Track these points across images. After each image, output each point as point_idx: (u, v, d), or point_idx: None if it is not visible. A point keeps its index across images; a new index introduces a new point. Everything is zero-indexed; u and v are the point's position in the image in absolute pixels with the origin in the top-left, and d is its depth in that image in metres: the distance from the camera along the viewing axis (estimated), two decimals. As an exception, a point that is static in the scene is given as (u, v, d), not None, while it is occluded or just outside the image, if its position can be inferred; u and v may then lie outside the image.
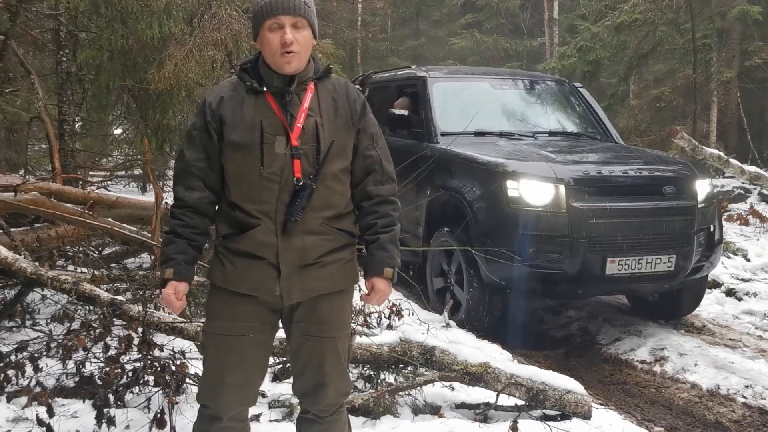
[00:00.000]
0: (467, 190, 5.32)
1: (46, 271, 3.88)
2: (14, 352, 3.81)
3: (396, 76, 7.43)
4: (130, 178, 14.86)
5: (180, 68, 4.81)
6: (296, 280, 2.28)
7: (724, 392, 4.58)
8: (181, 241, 2.30)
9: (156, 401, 3.46)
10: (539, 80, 7.31)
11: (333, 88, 2.36)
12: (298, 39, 2.21)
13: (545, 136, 6.32)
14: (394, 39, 24.50)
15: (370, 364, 3.79)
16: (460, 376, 3.66)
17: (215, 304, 2.39)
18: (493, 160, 5.23)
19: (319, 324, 2.37)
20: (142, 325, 3.53)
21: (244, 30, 5.30)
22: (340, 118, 2.31)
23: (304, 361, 2.42)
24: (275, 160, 2.22)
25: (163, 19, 5.11)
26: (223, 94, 2.31)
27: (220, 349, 2.35)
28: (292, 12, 2.20)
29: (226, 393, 2.35)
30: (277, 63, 2.23)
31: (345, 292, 2.45)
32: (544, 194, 4.92)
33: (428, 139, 6.05)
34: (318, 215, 2.27)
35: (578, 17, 16.57)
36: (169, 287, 2.30)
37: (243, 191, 2.26)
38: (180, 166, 2.36)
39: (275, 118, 2.24)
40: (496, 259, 4.94)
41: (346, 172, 2.36)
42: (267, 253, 2.25)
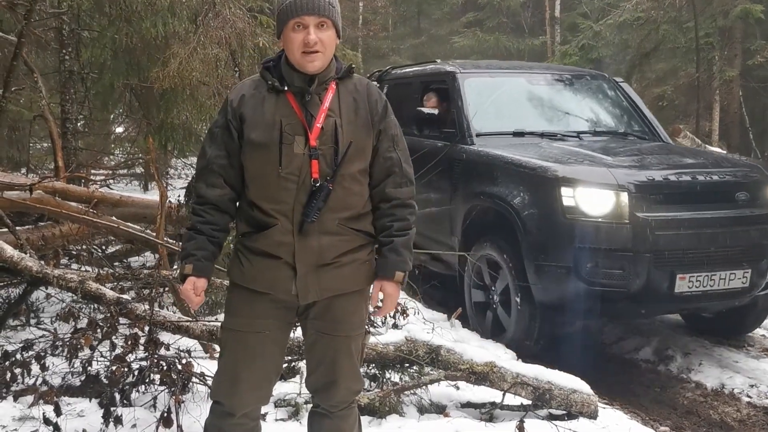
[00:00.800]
0: (514, 198, 4.80)
1: (52, 270, 3.88)
2: (20, 350, 3.80)
3: (420, 72, 6.95)
4: (132, 176, 14.89)
5: (184, 67, 4.80)
6: (312, 280, 2.28)
7: (728, 391, 4.58)
8: (201, 237, 2.31)
9: (162, 400, 3.46)
10: (577, 75, 6.72)
11: (354, 88, 2.34)
12: (322, 39, 2.20)
13: (589, 135, 5.79)
14: (395, 37, 24.51)
15: (376, 363, 3.79)
16: (465, 375, 3.66)
17: (233, 300, 2.41)
18: (545, 164, 4.71)
19: (333, 323, 2.38)
20: (149, 324, 3.53)
21: (248, 29, 5.30)
22: (360, 119, 2.30)
23: (317, 358, 2.44)
24: (293, 160, 2.21)
25: (167, 18, 5.11)
26: (244, 92, 2.31)
27: (237, 346, 2.36)
28: (317, 12, 2.19)
29: (241, 390, 2.36)
30: (300, 62, 2.22)
31: (360, 292, 2.45)
32: (604, 203, 4.44)
33: (462, 140, 5.55)
34: (335, 216, 2.27)
35: (580, 15, 16.57)
36: (188, 283, 2.30)
37: (261, 190, 2.26)
38: (201, 164, 2.36)
39: (295, 118, 2.23)
40: (549, 276, 4.52)
41: (364, 173, 2.35)
42: (283, 253, 2.26)
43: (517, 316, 4.78)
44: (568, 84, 6.41)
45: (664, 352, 5.21)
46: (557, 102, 6.26)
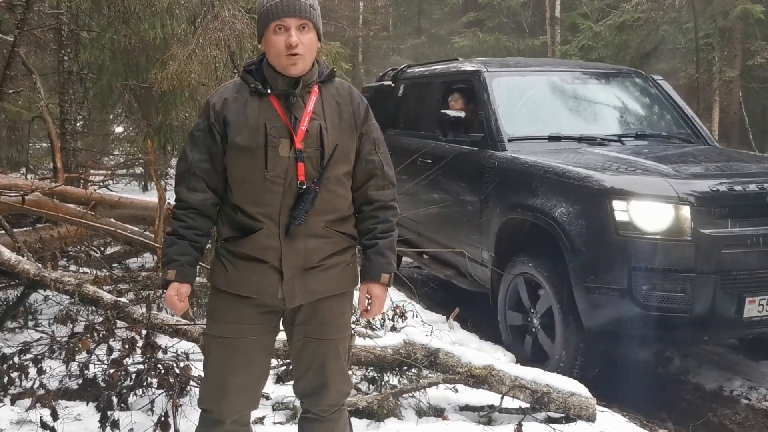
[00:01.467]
0: (559, 212, 4.30)
1: (50, 273, 3.88)
2: (18, 353, 3.80)
3: (440, 71, 6.46)
4: (131, 177, 14.88)
5: (183, 68, 4.79)
6: (299, 283, 2.27)
7: (727, 394, 4.58)
8: (184, 242, 2.29)
9: (159, 404, 3.46)
10: (613, 72, 6.19)
11: (337, 92, 2.35)
12: (303, 41, 2.20)
13: (631, 139, 5.30)
14: (395, 37, 24.50)
15: (374, 366, 3.78)
16: (464, 378, 3.65)
17: (217, 307, 2.39)
18: (592, 174, 4.26)
19: (321, 326, 2.37)
20: (146, 328, 3.52)
21: (247, 30, 5.28)
22: (344, 122, 2.31)
23: (306, 363, 2.43)
24: (279, 163, 2.21)
25: (165, 20, 5.09)
26: (226, 96, 2.29)
27: (223, 353, 2.34)
28: (298, 14, 2.19)
29: (229, 397, 2.35)
30: (281, 64, 2.22)
31: (346, 295, 2.45)
32: (663, 217, 3.98)
33: (492, 145, 5.10)
34: (321, 219, 2.27)
35: (580, 15, 16.55)
36: (171, 289, 2.29)
37: (246, 194, 2.25)
38: (183, 167, 2.34)
39: (279, 121, 2.23)
40: (600, 299, 4.08)
41: (348, 176, 2.36)
42: (270, 257, 2.25)
43: (561, 342, 4.33)
44: (604, 82, 5.95)
45: (663, 353, 5.20)
46: (593, 102, 5.78)
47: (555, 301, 4.36)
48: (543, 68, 6.09)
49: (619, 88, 5.97)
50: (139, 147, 12.20)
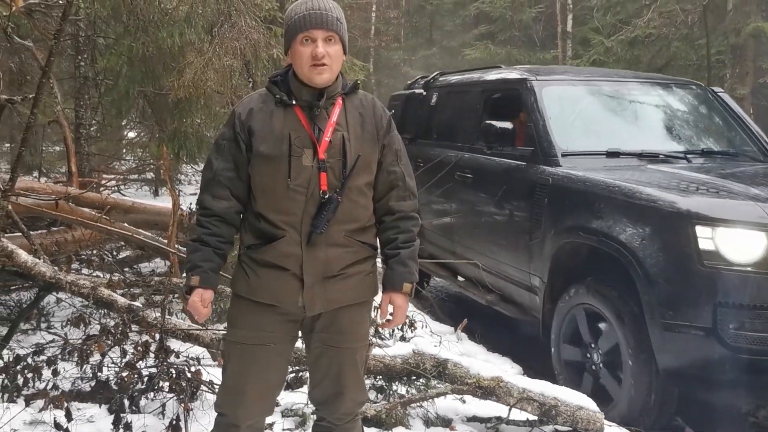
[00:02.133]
0: (630, 238, 3.82)
1: (65, 276, 3.93)
2: (31, 355, 3.85)
3: (480, 79, 6.00)
4: (143, 182, 14.98)
5: (199, 77, 4.85)
6: (319, 291, 2.31)
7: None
8: (207, 249, 2.33)
9: (171, 407, 3.49)
10: (670, 83, 5.68)
11: (360, 104, 2.39)
12: (329, 53, 2.24)
13: (697, 156, 4.81)
14: (407, 48, 24.59)
15: (383, 375, 3.81)
16: (472, 389, 3.67)
17: (238, 313, 2.43)
18: (670, 196, 3.77)
19: (339, 334, 2.41)
20: (159, 332, 3.56)
21: (263, 40, 5.35)
22: (366, 134, 2.35)
23: (323, 370, 2.46)
24: (302, 172, 2.25)
25: (183, 28, 5.17)
26: (252, 106, 2.34)
27: (242, 359, 2.38)
28: (325, 27, 2.24)
29: (246, 402, 2.39)
30: (307, 75, 2.26)
31: (365, 304, 2.49)
32: (754, 247, 3.51)
33: (543, 160, 4.64)
34: (342, 228, 2.30)
35: (591, 30, 16.60)
36: (195, 295, 2.33)
37: (269, 202, 2.29)
38: (208, 176, 2.39)
39: (303, 131, 2.27)
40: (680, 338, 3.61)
41: (370, 186, 2.39)
42: (291, 264, 2.29)
43: (631, 385, 3.83)
44: (662, 93, 5.45)
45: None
46: (653, 115, 5.32)
47: (623, 337, 3.86)
48: (595, 77, 5.61)
49: (678, 100, 5.51)
50: (151, 152, 12.33)
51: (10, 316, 4.90)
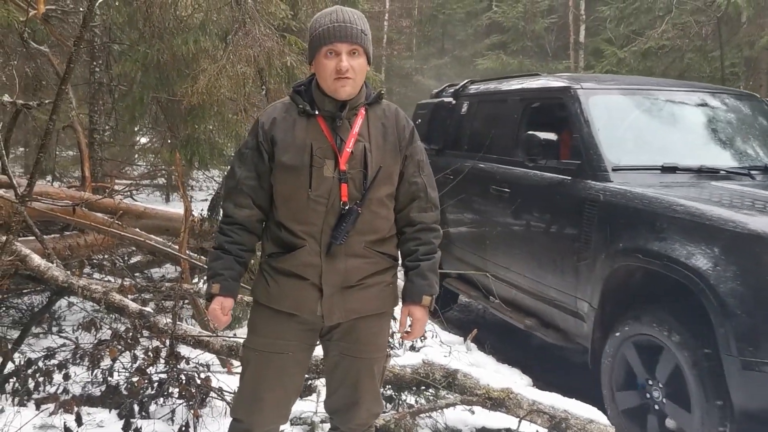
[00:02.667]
0: (702, 263, 3.38)
1: (78, 281, 3.94)
2: (42, 359, 3.86)
3: (518, 87, 5.63)
4: (154, 187, 15.05)
5: (213, 84, 4.87)
6: (338, 301, 2.31)
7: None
8: (229, 257, 2.34)
9: (180, 413, 3.50)
10: (725, 94, 5.27)
11: (383, 114, 2.39)
12: (353, 66, 2.25)
13: (761, 173, 4.38)
14: (418, 57, 24.66)
15: (392, 384, 3.80)
16: (482, 400, 3.65)
17: (258, 320, 2.44)
18: (749, 217, 3.39)
19: (357, 344, 2.41)
20: (170, 338, 3.57)
21: (277, 48, 5.37)
22: (388, 144, 2.35)
23: (339, 379, 2.47)
24: (323, 183, 2.25)
25: (198, 35, 5.20)
26: (275, 115, 2.35)
27: (260, 366, 2.39)
28: (349, 40, 2.24)
29: (262, 409, 2.40)
30: (331, 88, 2.26)
31: (384, 315, 2.48)
32: None
33: (592, 175, 4.27)
34: (362, 239, 2.31)
35: (604, 41, 16.59)
36: (215, 302, 2.33)
37: (290, 212, 2.30)
38: (231, 184, 2.40)
39: (325, 142, 2.27)
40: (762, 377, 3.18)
41: (391, 198, 2.39)
42: (310, 274, 2.29)
43: (700, 425, 3.43)
44: (716, 104, 5.02)
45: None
46: (709, 127, 4.87)
47: (692, 375, 3.45)
48: (645, 87, 5.12)
49: (734, 112, 5.07)
50: (162, 158, 12.38)
51: (22, 319, 4.93)
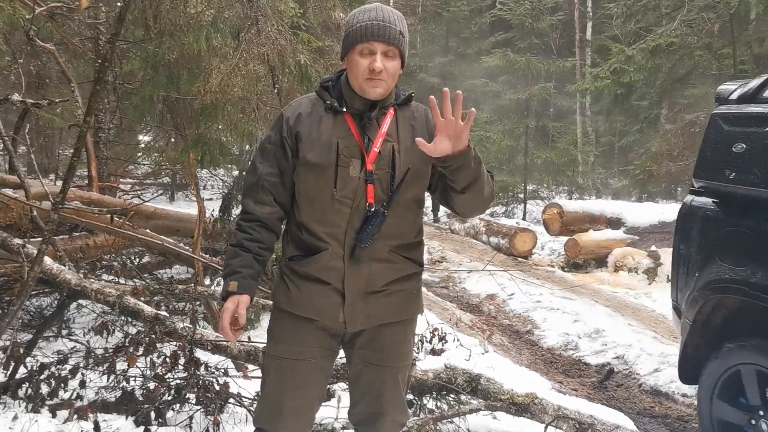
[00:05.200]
0: None
1: (91, 284, 3.86)
2: (55, 363, 3.78)
3: None
4: (159, 186, 14.98)
5: (226, 82, 4.79)
6: (361, 307, 2.22)
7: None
8: (247, 254, 2.23)
9: (197, 419, 3.42)
10: None
11: (412, 115, 2.29)
12: (387, 67, 2.14)
13: None
14: (423, 55, 24.55)
15: (414, 390, 3.72)
16: (506, 406, 3.58)
17: (279, 327, 2.34)
18: None
19: (381, 353, 2.32)
20: (190, 343, 3.48)
21: (289, 46, 5.28)
22: (417, 146, 2.26)
23: (363, 389, 2.38)
24: (348, 183, 2.16)
25: (209, 33, 5.11)
26: (300, 111, 2.24)
27: (282, 373, 2.30)
28: (387, 40, 2.13)
29: (285, 418, 2.30)
30: (362, 87, 2.16)
31: (409, 322, 2.39)
32: None
33: None
34: (387, 243, 2.21)
35: (608, 38, 16.52)
36: (230, 301, 2.19)
37: (313, 212, 2.20)
38: (251, 180, 2.29)
39: (352, 141, 2.18)
40: None
41: (419, 202, 2.30)
42: (333, 278, 2.20)
43: None
44: None
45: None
46: None
47: None
48: None
49: None
50: (167, 157, 12.31)
51: (31, 322, 4.85)
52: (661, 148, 13.23)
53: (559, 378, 5.41)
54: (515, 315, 7.23)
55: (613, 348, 5.96)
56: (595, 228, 10.54)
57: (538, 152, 16.30)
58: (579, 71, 18.56)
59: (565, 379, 5.39)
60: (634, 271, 9.20)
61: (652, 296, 8.18)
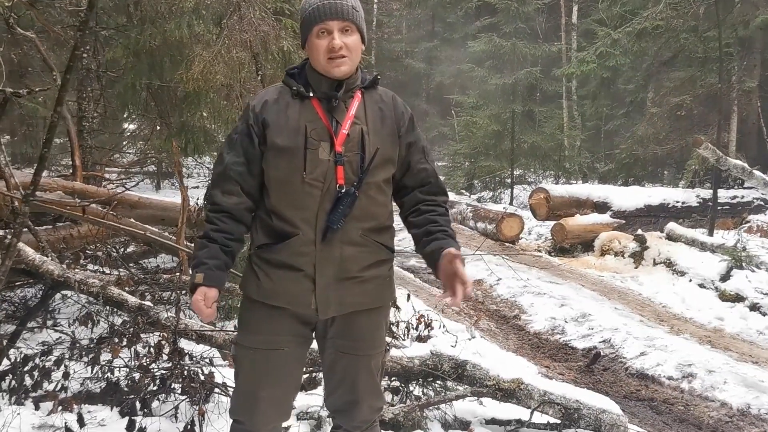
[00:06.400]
0: None
1: (74, 274, 3.83)
2: (39, 355, 3.75)
3: None
4: (144, 174, 14.88)
5: (208, 70, 4.74)
6: (333, 294, 2.21)
7: (755, 412, 4.49)
8: (214, 245, 2.21)
9: (183, 409, 3.40)
10: None
11: (380, 99, 2.30)
12: (347, 43, 2.16)
13: None
14: (408, 40, 24.52)
15: (400, 376, 3.73)
16: (492, 391, 3.59)
17: (249, 317, 2.32)
18: None
19: (354, 341, 2.31)
20: (173, 333, 3.46)
21: (272, 32, 5.22)
22: (386, 128, 2.25)
23: (338, 377, 2.37)
24: (318, 165, 2.15)
25: (192, 19, 5.04)
26: (267, 98, 2.24)
27: (256, 364, 2.28)
28: (340, 17, 2.15)
29: (262, 408, 2.30)
30: (326, 68, 2.17)
31: (382, 309, 2.38)
32: None
33: None
34: (359, 225, 2.20)
35: (595, 22, 16.49)
36: (198, 293, 2.18)
37: (284, 197, 2.19)
38: (218, 170, 2.28)
39: (320, 123, 2.18)
40: None
41: (388, 184, 2.29)
42: (304, 264, 2.18)
43: None
44: None
45: (687, 368, 5.12)
46: None
47: None
48: None
49: None
50: (153, 145, 12.21)
51: (15, 313, 4.81)
52: (647, 131, 13.27)
53: (546, 362, 5.43)
54: (502, 300, 7.26)
55: (600, 332, 6.00)
56: (581, 212, 10.58)
57: (525, 137, 16.27)
58: (565, 55, 18.54)
59: (551, 364, 5.41)
60: (621, 255, 9.25)
61: (638, 280, 8.23)
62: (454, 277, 2.15)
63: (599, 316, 6.38)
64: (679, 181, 12.84)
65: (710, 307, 6.94)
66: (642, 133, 13.49)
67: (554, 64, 17.75)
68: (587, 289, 7.71)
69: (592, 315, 6.42)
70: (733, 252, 7.82)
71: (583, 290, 7.66)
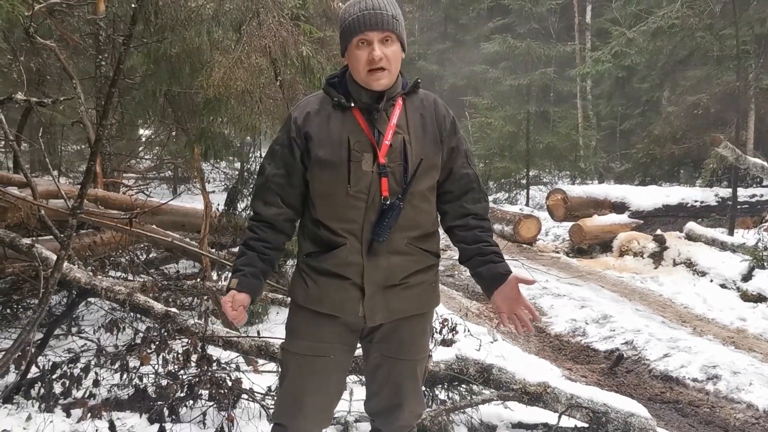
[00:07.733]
0: None
1: (101, 282, 3.85)
2: (67, 362, 3.78)
3: None
4: (161, 180, 14.97)
5: (229, 76, 4.76)
6: (380, 301, 2.21)
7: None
8: (252, 253, 2.25)
9: (210, 415, 3.42)
10: None
11: (421, 104, 2.28)
12: (387, 54, 2.12)
13: None
14: (421, 42, 24.48)
15: (426, 381, 3.72)
16: (518, 395, 3.58)
17: (297, 323, 2.34)
18: None
19: (399, 346, 2.32)
20: (202, 339, 3.48)
21: (291, 38, 5.24)
22: (428, 135, 2.23)
23: (381, 381, 2.39)
24: (362, 178, 2.14)
25: (211, 27, 5.07)
26: (309, 110, 2.23)
27: (302, 370, 2.30)
28: (380, 27, 2.11)
29: (305, 414, 2.31)
30: (365, 80, 2.15)
31: (427, 315, 2.40)
32: None
33: None
34: (404, 235, 2.20)
35: (608, 21, 16.42)
36: (228, 295, 2.22)
37: (329, 209, 2.19)
38: (260, 181, 2.30)
39: (363, 135, 2.16)
40: None
41: (432, 191, 2.28)
42: (352, 273, 2.19)
43: None
44: None
45: (711, 369, 5.09)
46: None
47: None
48: None
49: None
50: (169, 151, 12.27)
51: (42, 321, 4.84)
52: (664, 130, 13.18)
53: (568, 365, 5.41)
54: (522, 302, 7.22)
55: (622, 333, 5.97)
56: (599, 213, 10.53)
57: (540, 137, 16.23)
58: (579, 55, 18.46)
59: (573, 366, 5.39)
60: (640, 255, 9.20)
61: (658, 280, 8.18)
62: (517, 303, 2.21)
63: (620, 318, 6.35)
64: (696, 180, 12.75)
65: (732, 308, 6.89)
66: (659, 132, 13.41)
67: (568, 64, 17.69)
68: (607, 290, 7.68)
69: (613, 316, 6.39)
70: (754, 251, 7.76)
71: (603, 291, 7.62)
